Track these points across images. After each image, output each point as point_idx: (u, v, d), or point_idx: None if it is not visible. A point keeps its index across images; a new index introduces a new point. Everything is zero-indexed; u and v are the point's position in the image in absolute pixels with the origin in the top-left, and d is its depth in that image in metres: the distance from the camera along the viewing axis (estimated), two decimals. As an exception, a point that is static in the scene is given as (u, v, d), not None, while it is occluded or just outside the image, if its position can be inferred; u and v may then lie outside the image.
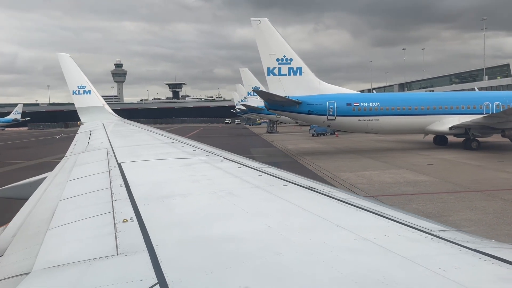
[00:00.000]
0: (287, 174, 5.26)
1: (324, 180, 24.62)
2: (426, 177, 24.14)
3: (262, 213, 3.45)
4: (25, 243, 3.43)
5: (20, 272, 2.67)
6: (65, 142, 14.89)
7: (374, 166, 29.37)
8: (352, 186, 22.33)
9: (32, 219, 4.27)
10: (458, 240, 2.67)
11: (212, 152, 7.70)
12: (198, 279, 2.22)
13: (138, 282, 2.20)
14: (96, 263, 2.56)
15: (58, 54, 23.24)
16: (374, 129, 39.55)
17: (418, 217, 3.28)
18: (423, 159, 32.70)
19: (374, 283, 2.11)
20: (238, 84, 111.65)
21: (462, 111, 38.56)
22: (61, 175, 6.64)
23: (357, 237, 2.76)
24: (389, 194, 20.03)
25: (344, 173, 26.84)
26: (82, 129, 17.73)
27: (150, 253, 2.59)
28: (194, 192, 4.38)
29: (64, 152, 10.23)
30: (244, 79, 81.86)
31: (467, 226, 14.04)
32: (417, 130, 40.07)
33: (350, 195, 4.10)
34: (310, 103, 38.32)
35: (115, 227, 3.25)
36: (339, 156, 36.43)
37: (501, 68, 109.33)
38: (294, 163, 33.71)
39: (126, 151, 8.63)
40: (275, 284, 2.15)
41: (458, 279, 2.10)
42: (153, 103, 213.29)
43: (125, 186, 4.78)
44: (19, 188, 7.37)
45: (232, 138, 70.20)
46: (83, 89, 23.17)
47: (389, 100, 40.19)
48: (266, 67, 38.76)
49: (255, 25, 38.56)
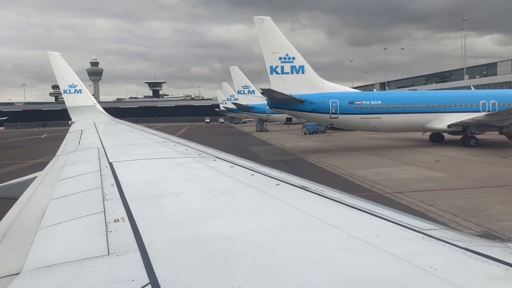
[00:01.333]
0: (280, 174, 5.30)
1: (341, 178, 24.95)
2: (441, 174, 24.65)
3: (255, 213, 3.47)
4: (15, 243, 3.41)
5: (10, 273, 2.64)
6: (54, 141, 14.49)
7: (383, 163, 29.75)
8: (373, 183, 22.62)
9: (22, 219, 4.24)
10: (449, 239, 2.70)
11: (204, 151, 7.70)
12: (191, 279, 2.22)
13: (130, 282, 2.20)
14: (87, 263, 2.55)
15: (49, 53, 23.05)
16: (376, 127, 40.24)
17: (410, 216, 3.32)
18: (428, 156, 33.38)
19: (366, 281, 2.12)
20: (224, 83, 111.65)
21: (460, 109, 39.60)
22: (52, 175, 6.59)
23: (349, 236, 2.78)
24: (415, 190, 20.38)
25: (358, 170, 27.10)
26: (73, 128, 17.60)
27: (142, 253, 2.59)
28: (187, 192, 4.38)
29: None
30: (234, 77, 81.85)
31: (508, 220, 14.52)
32: (417, 128, 40.94)
33: (342, 194, 4.12)
34: (313, 102, 38.69)
35: (106, 227, 3.25)
36: (343, 154, 36.80)
37: (481, 68, 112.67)
38: (301, 161, 33.90)
39: (118, 150, 8.60)
40: (268, 284, 2.16)
41: (449, 277, 2.12)
42: (134, 102, 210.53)
43: (116, 185, 4.77)
44: (9, 187, 7.30)
45: (226, 136, 70.08)
46: (74, 88, 23.09)
47: (390, 99, 40.99)
48: (269, 65, 38.89)
49: (257, 24, 38.63)
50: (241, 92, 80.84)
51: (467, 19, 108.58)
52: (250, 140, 61.42)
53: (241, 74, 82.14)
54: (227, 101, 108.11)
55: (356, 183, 22.99)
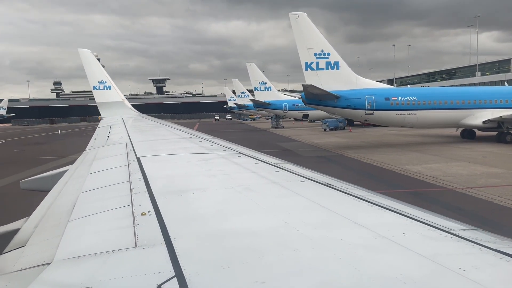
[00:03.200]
0: (304, 171, 5.27)
1: (397, 174, 24.97)
2: (498, 169, 24.53)
3: (279, 209, 3.46)
4: (46, 234, 3.49)
5: (42, 263, 2.71)
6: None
7: (431, 160, 29.65)
8: (434, 178, 22.58)
9: (53, 211, 4.33)
10: (478, 240, 2.63)
11: (229, 147, 7.76)
12: (215, 273, 2.23)
13: (156, 274, 2.23)
14: (115, 255, 2.60)
15: (80, 50, 23.52)
16: (411, 123, 40.31)
17: (438, 216, 3.25)
18: (469, 152, 33.26)
19: (392, 281, 2.09)
20: (235, 80, 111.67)
21: (495, 105, 39.76)
22: (82, 168, 6.75)
23: (375, 234, 2.74)
24: (483, 185, 20.29)
25: (409, 166, 27.08)
26: (102, 123, 18.06)
27: (167, 246, 2.63)
28: (211, 187, 4.41)
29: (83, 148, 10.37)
30: (251, 73, 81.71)
31: None
32: (452, 124, 41.10)
33: (368, 192, 4.07)
34: (348, 98, 38.71)
35: (133, 220, 3.30)
36: (381, 150, 36.78)
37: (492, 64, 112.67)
38: (342, 157, 33.93)
39: (145, 145, 8.73)
40: (292, 280, 2.15)
41: (478, 278, 2.07)
42: (142, 98, 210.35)
43: (143, 179, 4.85)
44: (41, 180, 7.50)
45: (245, 133, 70.36)
46: (104, 85, 23.54)
47: (426, 95, 41.34)
48: (304, 61, 38.91)
49: (293, 20, 38.59)
50: (258, 88, 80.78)
51: (479, 15, 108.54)
52: (273, 136, 61.48)
53: (258, 71, 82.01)
54: (238, 97, 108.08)
55: (418, 179, 22.98)
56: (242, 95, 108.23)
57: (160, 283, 2.12)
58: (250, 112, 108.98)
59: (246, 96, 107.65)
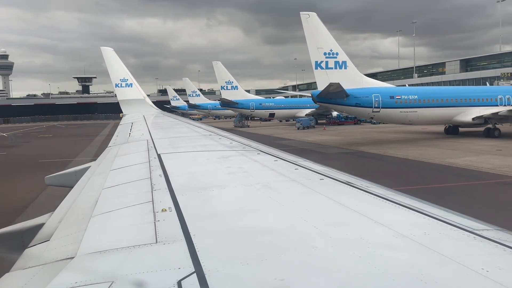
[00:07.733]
0: (324, 168, 5.29)
1: (451, 168, 24.99)
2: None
3: (298, 207, 3.49)
4: (70, 229, 3.59)
5: (66, 257, 2.80)
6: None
7: (458, 154, 30.23)
8: (492, 169, 23.13)
9: (77, 206, 4.45)
10: (502, 240, 2.60)
11: (249, 145, 7.86)
12: (234, 270, 2.27)
13: (176, 270, 2.28)
14: (136, 250, 2.67)
15: (102, 48, 23.65)
16: (412, 120, 42.60)
17: (460, 215, 3.23)
18: (479, 146, 34.61)
19: (412, 281, 2.08)
20: (185, 78, 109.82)
21: (482, 103, 43.56)
22: (104, 165, 6.91)
23: (396, 233, 2.74)
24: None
25: (450, 159, 27.46)
26: (124, 120, 18.40)
27: (187, 243, 2.68)
28: (231, 184, 4.47)
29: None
30: (217, 73, 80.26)
31: None
32: (446, 120, 44.28)
33: (388, 191, 4.07)
34: (357, 96, 39.89)
35: (154, 216, 3.37)
36: (389, 146, 37.23)
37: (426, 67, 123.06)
38: (366, 153, 33.87)
39: (166, 142, 8.91)
40: (311, 278, 2.16)
41: (502, 280, 2.05)
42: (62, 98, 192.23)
43: (164, 176, 4.94)
44: (65, 176, 7.70)
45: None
46: (125, 82, 23.76)
47: (425, 94, 43.99)
48: (314, 60, 39.54)
49: (304, 19, 39.08)
50: (224, 87, 79.77)
51: (415, 21, 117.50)
52: (253, 137, 60.46)
53: (224, 70, 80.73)
54: (189, 96, 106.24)
55: (481, 171, 23.42)
56: (193, 94, 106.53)
57: (180, 279, 2.15)
58: (202, 112, 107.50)
59: (197, 96, 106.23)
